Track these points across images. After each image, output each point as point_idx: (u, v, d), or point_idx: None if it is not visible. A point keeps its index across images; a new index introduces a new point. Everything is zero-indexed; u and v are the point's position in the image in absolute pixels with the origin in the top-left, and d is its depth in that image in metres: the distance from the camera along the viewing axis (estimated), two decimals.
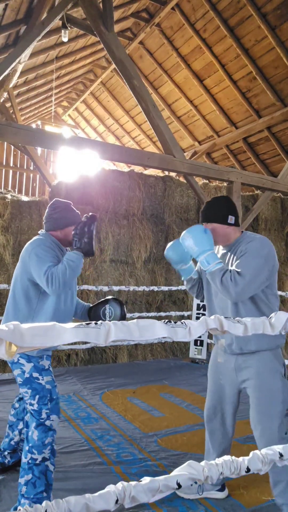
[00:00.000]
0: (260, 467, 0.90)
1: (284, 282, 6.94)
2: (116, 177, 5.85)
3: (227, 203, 2.08)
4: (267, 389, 1.94)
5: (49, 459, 1.96)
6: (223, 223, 2.03)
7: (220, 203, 2.07)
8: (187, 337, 0.94)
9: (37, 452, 1.92)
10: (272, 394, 1.93)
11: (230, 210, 2.05)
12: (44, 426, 1.97)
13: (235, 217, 2.05)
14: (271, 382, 1.94)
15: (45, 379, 2.02)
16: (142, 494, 0.77)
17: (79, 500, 0.74)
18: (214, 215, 2.04)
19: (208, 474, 0.84)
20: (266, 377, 1.95)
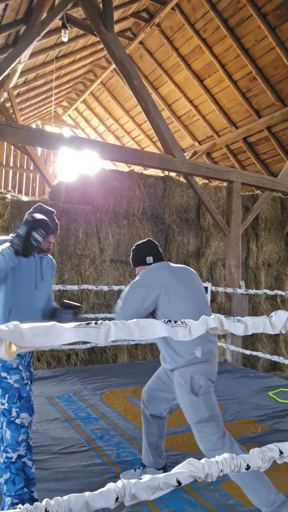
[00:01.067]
0: (260, 465, 0.91)
1: (284, 282, 6.95)
2: (116, 177, 5.85)
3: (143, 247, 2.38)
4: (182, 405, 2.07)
5: (25, 455, 1.99)
6: (144, 264, 2.33)
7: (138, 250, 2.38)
8: (187, 336, 0.94)
9: (11, 451, 1.96)
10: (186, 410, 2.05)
11: (147, 252, 2.35)
12: (15, 425, 1.99)
13: (153, 256, 2.33)
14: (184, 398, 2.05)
15: (13, 378, 2.04)
16: (142, 492, 0.77)
17: (79, 498, 0.74)
18: (137, 260, 2.37)
19: (208, 472, 0.84)
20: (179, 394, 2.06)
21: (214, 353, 2.11)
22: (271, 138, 8.29)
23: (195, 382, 2.01)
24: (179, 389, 2.05)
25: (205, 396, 2.02)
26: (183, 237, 6.20)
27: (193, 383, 2.01)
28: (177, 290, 2.13)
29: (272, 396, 3.96)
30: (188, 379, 2.01)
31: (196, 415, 1.99)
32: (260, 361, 6.22)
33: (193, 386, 2.00)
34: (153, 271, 2.22)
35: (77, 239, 5.36)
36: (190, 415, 2.01)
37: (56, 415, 3.31)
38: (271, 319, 1.03)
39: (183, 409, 2.06)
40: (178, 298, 2.11)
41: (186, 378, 2.02)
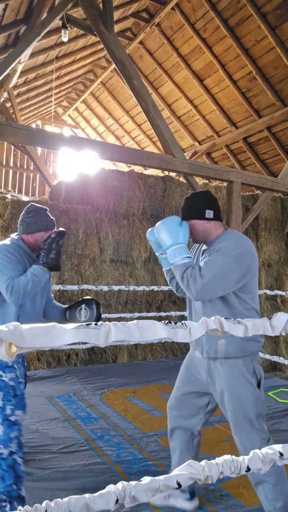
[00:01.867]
0: (260, 466, 0.91)
1: (284, 283, 6.94)
2: (116, 177, 5.85)
3: (204, 197, 1.98)
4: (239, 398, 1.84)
5: (16, 452, 2.00)
6: (201, 219, 1.92)
7: (197, 198, 1.98)
8: (187, 338, 0.94)
9: (3, 447, 1.97)
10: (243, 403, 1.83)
11: (208, 204, 1.94)
12: (9, 422, 2.00)
13: (214, 211, 1.93)
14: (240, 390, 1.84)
15: (8, 376, 2.05)
16: (142, 494, 0.77)
17: (79, 500, 0.74)
18: (191, 211, 1.95)
19: (209, 474, 0.84)
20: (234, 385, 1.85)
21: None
22: (271, 138, 8.29)
23: (258, 373, 1.86)
24: (237, 380, 1.82)
25: (263, 389, 1.88)
26: None
27: (256, 374, 1.85)
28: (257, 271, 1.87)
29: (272, 396, 3.96)
30: (251, 369, 1.83)
31: (256, 409, 1.81)
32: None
33: (256, 377, 1.85)
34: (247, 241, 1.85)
35: (77, 239, 5.36)
36: (248, 409, 1.81)
37: (56, 414, 3.31)
38: (271, 321, 1.03)
39: (236, 402, 1.82)
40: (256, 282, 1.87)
41: (249, 368, 1.83)
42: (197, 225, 1.92)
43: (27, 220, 2.23)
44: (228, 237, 1.89)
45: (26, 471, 2.35)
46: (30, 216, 2.24)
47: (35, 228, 2.21)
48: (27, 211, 2.27)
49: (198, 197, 1.99)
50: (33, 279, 2.02)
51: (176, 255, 1.79)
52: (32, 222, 2.22)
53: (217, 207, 1.96)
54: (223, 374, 1.86)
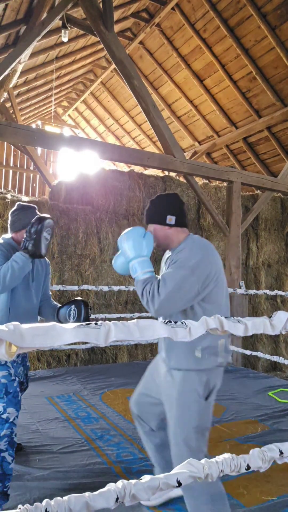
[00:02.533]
0: (260, 465, 0.91)
1: (284, 283, 6.94)
2: (116, 177, 5.85)
3: (167, 201, 1.86)
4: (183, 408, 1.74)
5: (6, 450, 2.00)
6: (162, 224, 1.82)
7: (160, 202, 1.87)
8: (187, 337, 0.94)
9: None
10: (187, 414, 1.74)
11: (170, 209, 1.82)
12: (1, 419, 2.00)
13: (177, 217, 1.82)
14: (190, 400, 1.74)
15: (0, 374, 2.06)
16: (142, 492, 0.77)
17: (79, 498, 0.74)
18: (153, 215, 1.86)
19: (209, 472, 0.84)
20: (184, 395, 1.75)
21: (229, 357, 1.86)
22: (271, 138, 8.29)
23: (209, 385, 1.75)
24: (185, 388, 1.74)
25: (211, 403, 1.77)
26: None
27: (206, 386, 1.74)
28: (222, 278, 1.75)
29: (272, 396, 3.96)
30: (204, 379, 1.73)
31: (198, 421, 1.71)
32: (260, 361, 6.22)
33: (206, 388, 1.74)
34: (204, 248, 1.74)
35: (77, 239, 5.36)
36: (190, 419, 1.71)
37: (56, 414, 3.31)
38: (271, 319, 1.03)
39: (180, 412, 1.73)
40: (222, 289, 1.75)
41: (202, 379, 1.73)
42: (158, 230, 1.84)
43: (13, 219, 2.29)
44: (185, 245, 1.77)
45: (26, 471, 2.35)
46: (15, 215, 2.29)
47: (21, 225, 2.25)
48: (13, 210, 2.33)
49: (161, 200, 1.88)
50: (13, 265, 2.03)
51: (137, 269, 1.71)
52: (17, 219, 2.27)
53: (180, 212, 1.84)
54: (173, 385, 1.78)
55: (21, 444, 2.69)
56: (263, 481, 2.33)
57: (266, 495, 2.24)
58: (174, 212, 1.82)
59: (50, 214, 5.26)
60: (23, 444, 2.70)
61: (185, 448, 1.70)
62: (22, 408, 3.32)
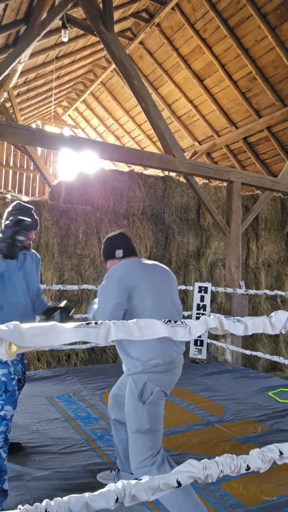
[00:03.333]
0: (260, 465, 0.91)
1: (284, 282, 6.94)
2: (116, 177, 5.85)
3: (114, 239, 2.24)
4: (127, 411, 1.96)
5: (1, 447, 2.02)
6: (114, 258, 2.18)
7: (108, 241, 2.24)
8: (187, 336, 0.94)
9: None
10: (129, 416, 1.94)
11: (116, 246, 2.20)
12: None
13: (124, 249, 2.18)
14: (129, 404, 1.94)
15: (0, 371, 2.08)
16: (142, 493, 0.77)
17: (79, 499, 0.74)
18: (106, 253, 2.23)
19: (208, 473, 0.84)
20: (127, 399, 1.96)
21: (177, 364, 1.99)
22: (271, 138, 8.29)
23: (147, 389, 1.89)
24: (128, 393, 1.94)
25: (151, 406, 1.88)
26: (183, 237, 6.20)
27: (144, 390, 1.89)
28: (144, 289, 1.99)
29: (272, 396, 3.96)
30: (140, 385, 1.89)
31: (135, 424, 1.87)
32: (260, 361, 6.22)
33: (143, 392, 1.88)
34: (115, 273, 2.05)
35: (77, 239, 5.36)
36: (130, 422, 1.90)
37: (56, 415, 3.31)
38: (271, 319, 1.03)
39: (127, 415, 1.94)
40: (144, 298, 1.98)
41: (139, 384, 1.89)
42: (112, 264, 2.16)
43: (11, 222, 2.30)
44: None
45: (26, 471, 2.35)
46: (13, 215, 2.31)
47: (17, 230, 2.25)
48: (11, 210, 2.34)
49: (110, 240, 2.24)
50: None
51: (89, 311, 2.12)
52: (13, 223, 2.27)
53: (125, 245, 2.20)
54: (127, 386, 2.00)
55: (21, 444, 2.69)
56: (263, 481, 2.33)
57: (266, 495, 2.24)
58: (121, 247, 2.19)
59: (50, 214, 5.26)
60: (23, 444, 2.69)
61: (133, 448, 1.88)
62: (22, 408, 3.32)
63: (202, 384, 4.28)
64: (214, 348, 5.53)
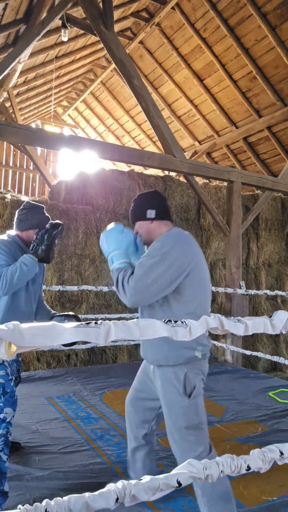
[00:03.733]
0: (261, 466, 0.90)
1: (284, 283, 6.94)
2: (116, 177, 5.84)
3: (146, 197, 1.91)
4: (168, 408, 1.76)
5: (2, 450, 2.00)
6: (144, 219, 1.85)
7: (139, 199, 1.91)
8: (187, 336, 0.94)
9: None
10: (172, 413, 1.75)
11: (149, 204, 1.84)
12: None
13: (157, 211, 1.83)
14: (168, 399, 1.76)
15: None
16: (143, 493, 0.77)
17: (79, 499, 0.74)
18: (134, 213, 1.89)
19: (209, 473, 0.83)
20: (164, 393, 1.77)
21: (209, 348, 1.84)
22: (271, 138, 8.29)
23: (190, 381, 1.72)
24: (166, 388, 1.74)
25: (197, 398, 1.72)
26: None
27: (186, 383, 1.71)
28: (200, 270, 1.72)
29: (273, 396, 3.96)
30: (182, 377, 1.71)
31: (184, 420, 1.70)
32: (260, 362, 6.22)
33: (186, 386, 1.70)
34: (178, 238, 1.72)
35: (77, 239, 5.36)
36: (176, 419, 1.72)
37: (56, 415, 3.31)
38: (272, 319, 1.02)
39: (167, 412, 1.75)
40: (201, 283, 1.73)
41: (180, 376, 1.71)
42: (141, 226, 1.86)
43: (21, 217, 2.27)
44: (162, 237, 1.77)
45: (26, 471, 2.35)
46: (23, 213, 2.27)
47: (28, 225, 2.24)
48: (21, 208, 2.30)
49: (141, 198, 1.92)
50: (22, 268, 2.02)
51: (113, 261, 1.76)
52: (25, 219, 2.25)
53: (161, 206, 1.85)
54: (158, 381, 1.80)
55: (21, 444, 2.68)
56: (263, 481, 2.33)
57: (266, 495, 2.23)
58: (154, 206, 1.83)
59: (49, 214, 5.25)
60: (23, 444, 2.69)
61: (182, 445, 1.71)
62: (22, 408, 3.32)
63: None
64: (214, 348, 5.53)
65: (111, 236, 1.79)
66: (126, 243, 1.78)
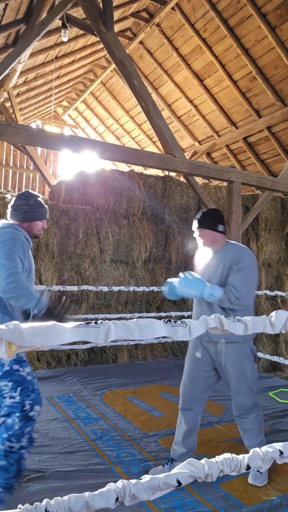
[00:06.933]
0: (260, 465, 0.90)
1: (284, 283, 6.94)
2: (116, 177, 5.84)
3: (219, 214, 2.51)
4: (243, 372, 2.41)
5: (26, 447, 1.99)
6: (213, 230, 2.43)
7: (213, 213, 2.50)
8: (187, 336, 0.94)
9: (16, 441, 1.94)
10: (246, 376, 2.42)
11: (220, 220, 2.45)
12: (27, 417, 1.98)
13: (224, 226, 2.44)
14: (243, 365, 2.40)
15: (25, 370, 2.03)
16: (143, 492, 0.77)
17: (79, 498, 0.74)
18: (208, 223, 2.45)
19: (209, 472, 0.84)
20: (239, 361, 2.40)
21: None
22: (271, 138, 8.28)
23: (255, 351, 2.46)
24: (242, 358, 2.37)
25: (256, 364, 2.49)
26: (183, 237, 6.19)
27: (254, 353, 2.45)
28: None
29: (272, 396, 3.96)
30: (253, 349, 2.44)
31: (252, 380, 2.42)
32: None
33: (255, 355, 2.45)
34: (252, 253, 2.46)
35: (77, 239, 5.35)
36: (248, 380, 2.39)
37: (56, 415, 3.31)
38: (271, 319, 1.03)
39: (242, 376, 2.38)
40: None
41: (254, 350, 2.45)
42: (208, 234, 2.45)
43: (25, 208, 2.21)
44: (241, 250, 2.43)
45: (26, 471, 2.35)
46: (27, 204, 2.21)
47: (34, 217, 2.20)
48: (24, 198, 2.24)
49: (214, 212, 2.51)
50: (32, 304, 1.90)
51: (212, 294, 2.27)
52: (30, 210, 2.20)
53: (225, 223, 2.48)
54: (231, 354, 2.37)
55: None
56: None
57: (266, 495, 2.24)
58: (223, 223, 2.46)
59: (49, 214, 5.24)
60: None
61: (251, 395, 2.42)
62: None
63: None
64: None
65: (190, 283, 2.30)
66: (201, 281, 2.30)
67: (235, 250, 2.42)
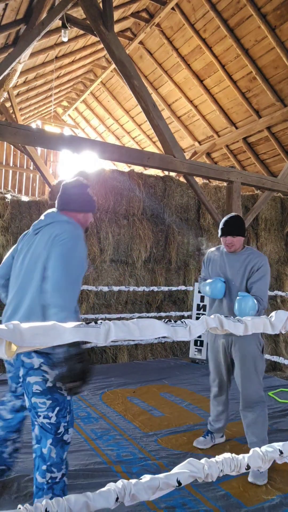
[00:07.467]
0: (260, 465, 0.91)
1: (284, 283, 6.94)
2: (116, 177, 5.84)
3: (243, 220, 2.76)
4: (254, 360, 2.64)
5: (66, 473, 1.80)
6: (243, 236, 2.72)
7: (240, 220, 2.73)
8: (187, 336, 0.94)
9: (56, 470, 1.73)
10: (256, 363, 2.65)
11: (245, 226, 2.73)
12: (62, 442, 1.76)
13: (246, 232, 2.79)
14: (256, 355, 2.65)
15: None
16: (142, 492, 0.77)
17: (79, 498, 0.74)
18: (240, 230, 2.71)
19: (209, 472, 0.84)
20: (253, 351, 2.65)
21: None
22: (271, 138, 8.29)
23: (262, 343, 2.70)
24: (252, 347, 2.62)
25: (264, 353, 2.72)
26: (183, 237, 6.20)
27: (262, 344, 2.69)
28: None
29: (272, 396, 3.96)
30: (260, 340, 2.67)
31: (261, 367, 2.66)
32: None
33: (263, 346, 2.69)
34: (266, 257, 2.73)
35: None
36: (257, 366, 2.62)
37: None
38: (271, 319, 1.03)
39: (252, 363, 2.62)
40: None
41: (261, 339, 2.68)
42: (239, 240, 2.71)
43: (84, 197, 2.02)
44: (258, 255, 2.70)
45: (27, 471, 2.35)
46: (86, 194, 2.03)
47: (90, 208, 2.04)
48: (82, 186, 2.04)
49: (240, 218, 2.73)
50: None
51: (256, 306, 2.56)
52: (87, 201, 2.03)
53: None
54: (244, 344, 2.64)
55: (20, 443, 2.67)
56: None
57: (266, 494, 2.24)
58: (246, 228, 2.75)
59: None
60: (23, 444, 2.69)
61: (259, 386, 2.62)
62: None
63: (202, 384, 4.27)
64: None
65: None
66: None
67: (255, 255, 2.70)
